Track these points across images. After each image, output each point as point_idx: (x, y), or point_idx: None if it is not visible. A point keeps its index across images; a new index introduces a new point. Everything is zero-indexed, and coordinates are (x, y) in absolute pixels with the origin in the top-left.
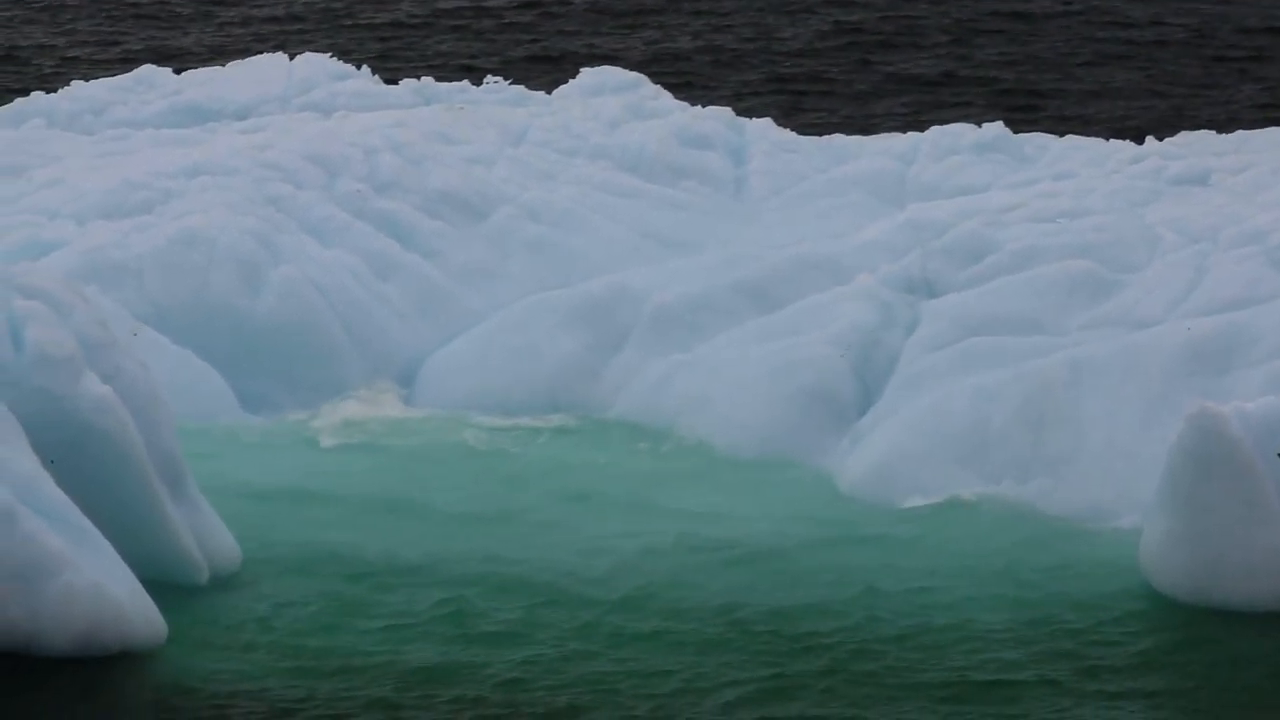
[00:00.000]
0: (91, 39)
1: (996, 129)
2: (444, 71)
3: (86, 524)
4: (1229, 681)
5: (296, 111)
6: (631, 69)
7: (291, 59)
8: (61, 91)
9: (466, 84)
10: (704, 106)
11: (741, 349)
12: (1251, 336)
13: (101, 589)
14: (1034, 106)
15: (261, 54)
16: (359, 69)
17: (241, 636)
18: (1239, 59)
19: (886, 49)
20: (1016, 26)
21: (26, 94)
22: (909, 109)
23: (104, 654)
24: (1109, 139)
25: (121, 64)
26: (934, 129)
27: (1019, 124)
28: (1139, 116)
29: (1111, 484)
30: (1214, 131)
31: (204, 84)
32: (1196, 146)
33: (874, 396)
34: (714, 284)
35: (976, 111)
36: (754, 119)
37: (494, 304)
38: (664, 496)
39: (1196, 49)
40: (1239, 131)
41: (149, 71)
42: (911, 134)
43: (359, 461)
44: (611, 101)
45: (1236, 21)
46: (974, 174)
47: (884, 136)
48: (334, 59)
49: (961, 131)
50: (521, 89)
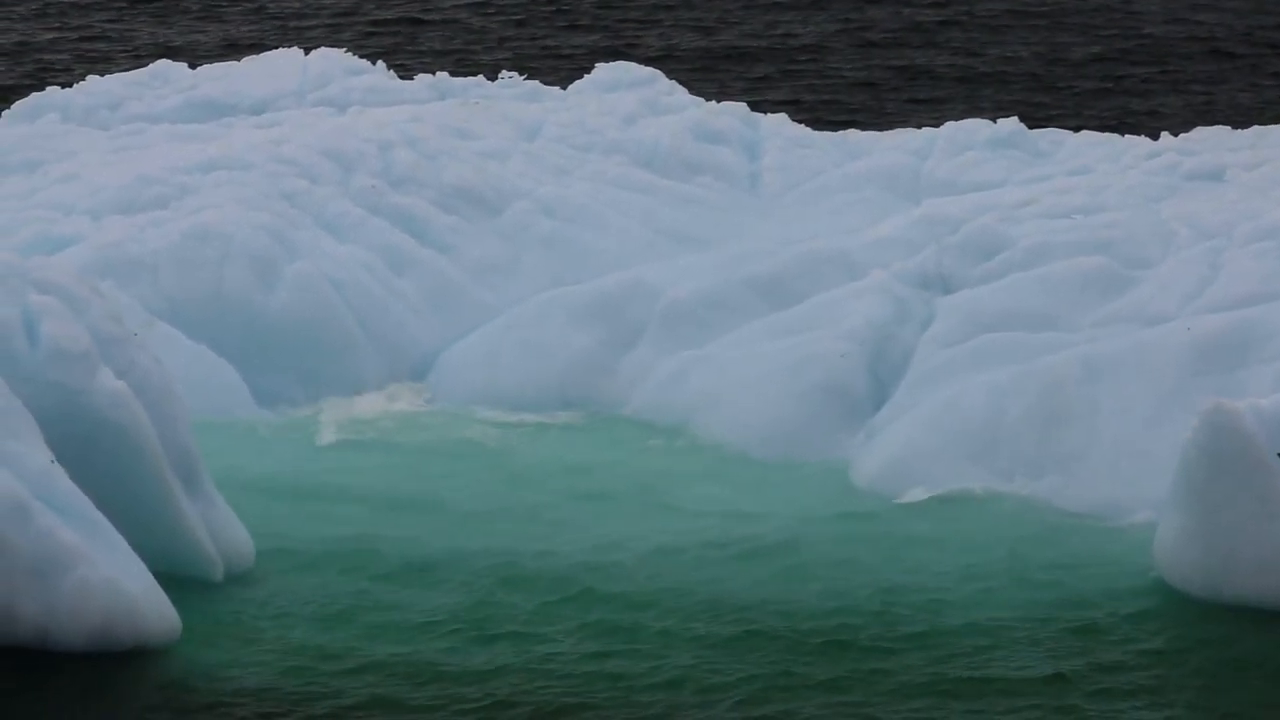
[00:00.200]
0: (106, 34)
1: (1011, 125)
2: (459, 66)
3: (101, 519)
4: (1242, 677)
5: (312, 107)
6: (646, 64)
7: (307, 54)
8: (77, 86)
9: (481, 79)
10: (719, 102)
11: (755, 345)
12: (1266, 332)
13: (116, 584)
14: (1049, 102)
15: (277, 49)
16: (374, 64)
17: (255, 632)
18: (1255, 56)
19: (901, 45)
20: (1033, 22)
21: (42, 89)
22: (924, 104)
23: (118, 650)
24: (1124, 135)
25: (136, 59)
26: (949, 125)
27: (1034, 120)
28: (1154, 112)
29: (1125, 480)
30: (1229, 127)
31: (219, 79)
32: (1211, 142)
33: (888, 392)
34: (728, 279)
35: (992, 107)
36: (769, 114)
37: (508, 299)
38: (677, 493)
39: (1212, 45)
40: (1254, 127)
41: (164, 66)
42: (926, 129)
43: (373, 457)
44: (626, 97)
45: (1252, 18)
46: (989, 170)
47: (899, 132)
48: (349, 54)
49: (976, 127)
50: (536, 84)
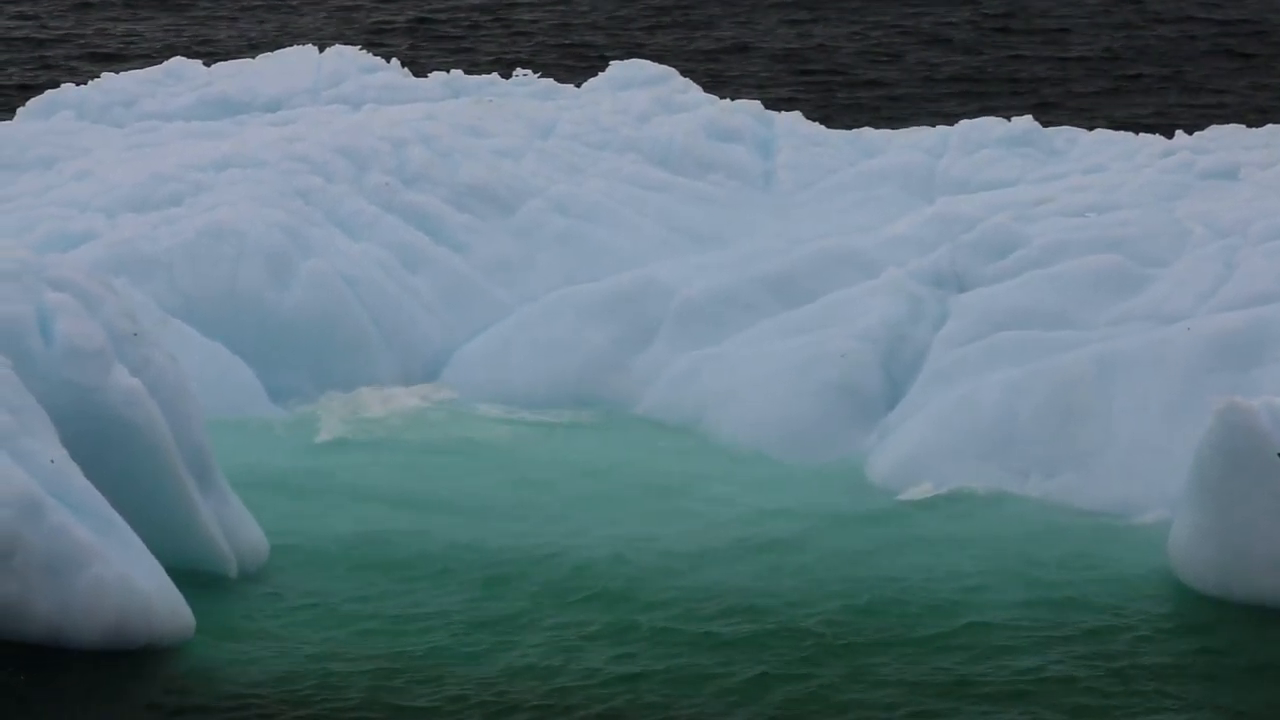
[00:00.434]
0: (120, 31)
1: (1026, 123)
2: (473, 64)
3: (115, 516)
4: (1257, 677)
5: (326, 104)
6: (660, 62)
7: (321, 51)
8: (91, 84)
9: (495, 77)
10: (733, 100)
11: (769, 343)
12: None
13: (129, 582)
14: (1063, 101)
15: (291, 46)
16: (388, 62)
17: (269, 629)
18: (1269, 55)
19: (916, 43)
20: (1046, 22)
21: (56, 86)
22: (938, 102)
23: (132, 647)
24: (1138, 133)
25: (150, 56)
26: (963, 123)
27: (1048, 118)
28: (1168, 111)
29: (1139, 479)
30: (1243, 126)
31: (233, 76)
32: (1226, 141)
33: (901, 391)
34: (741, 278)
35: (1006, 105)
36: (783, 112)
37: (522, 297)
38: (690, 491)
39: (1226, 44)
40: (1269, 126)
41: (179, 64)
42: (940, 128)
43: (386, 455)
44: (640, 95)
45: (1267, 17)
46: (1003, 168)
47: (913, 130)
48: (363, 52)
49: (991, 125)
50: (550, 82)
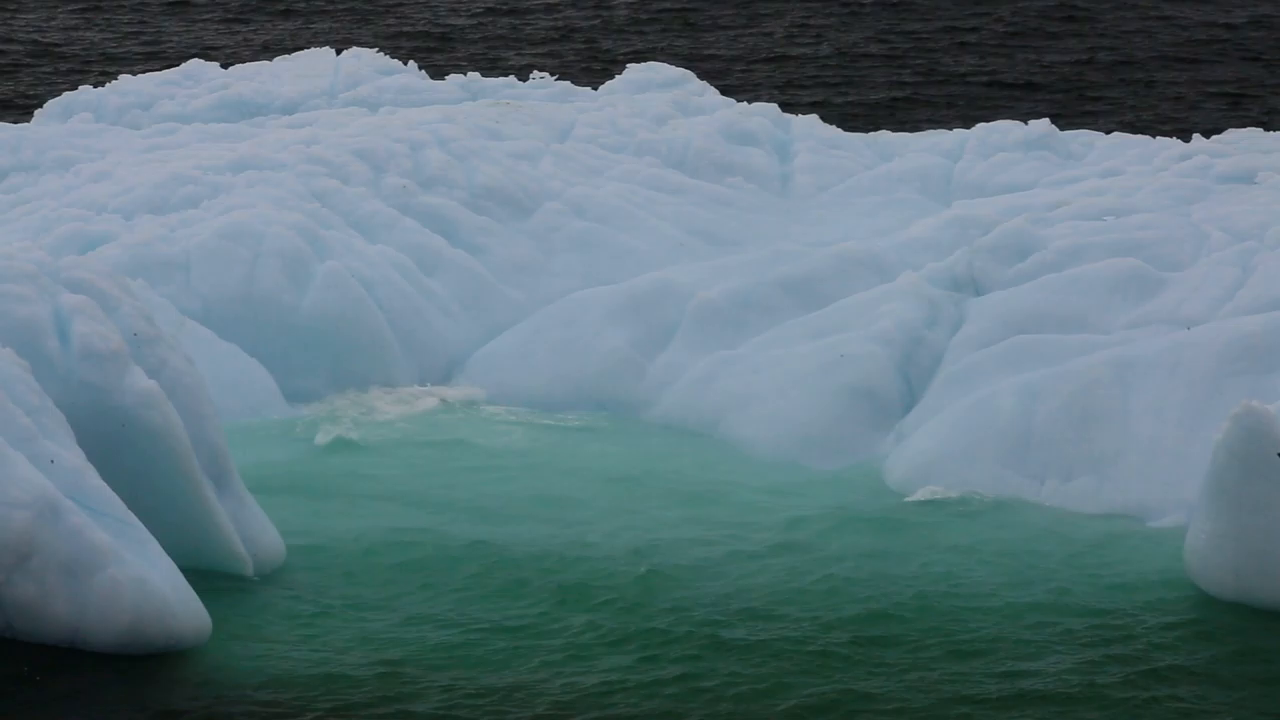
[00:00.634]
0: (137, 34)
1: (1043, 126)
2: (490, 67)
3: (132, 518)
4: (1276, 683)
5: (343, 106)
6: (678, 65)
7: (338, 54)
8: (109, 85)
9: (513, 79)
10: (750, 102)
11: (786, 346)
12: None
13: (146, 583)
14: (1080, 104)
15: (309, 49)
16: (405, 64)
17: (285, 630)
18: None
19: (933, 46)
20: (1064, 26)
21: (75, 88)
22: (956, 106)
23: (148, 648)
24: (1156, 136)
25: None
26: (980, 126)
27: (1065, 121)
28: (1186, 114)
29: (1156, 483)
30: (1261, 129)
31: (251, 78)
32: (1244, 144)
33: (918, 394)
34: (758, 281)
35: (1023, 109)
36: (800, 115)
37: (539, 299)
38: (707, 494)
39: (1243, 47)
40: None
41: (196, 66)
42: (958, 131)
43: (403, 456)
44: (657, 97)
45: None
46: (1020, 171)
47: (930, 133)
48: (381, 54)
49: (1008, 128)
50: (568, 84)
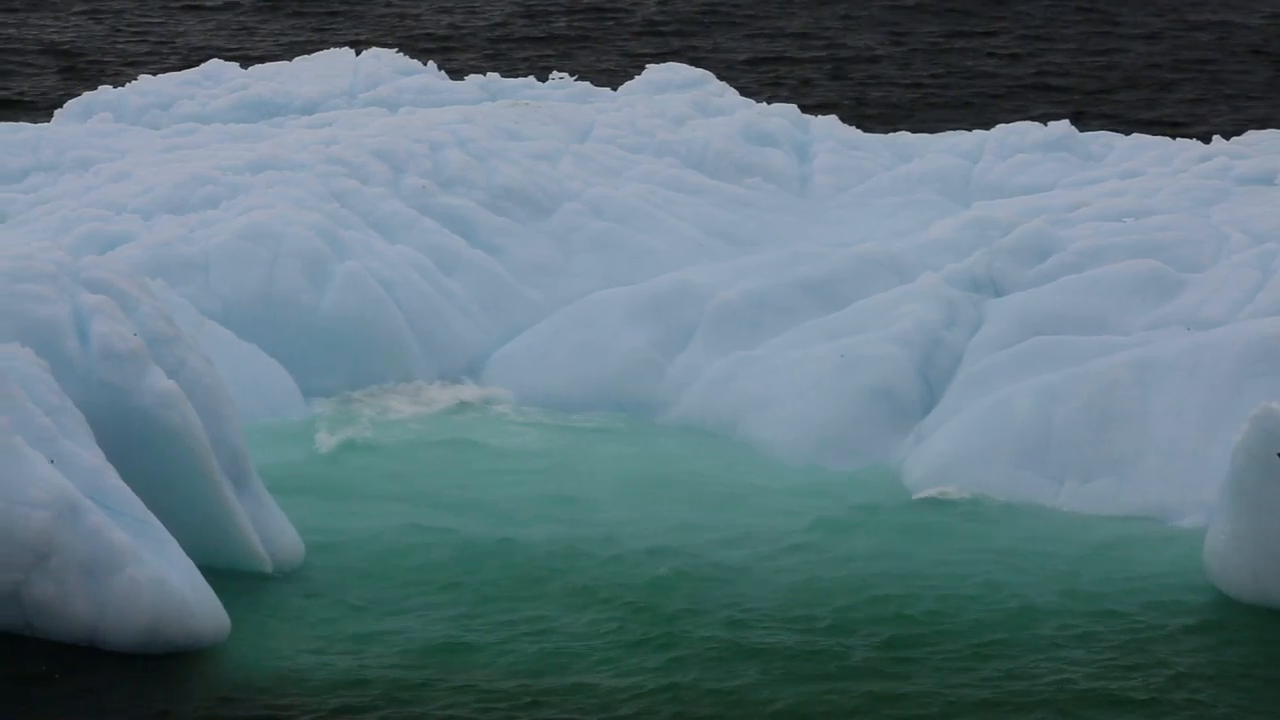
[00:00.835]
0: (156, 34)
1: (1062, 127)
2: (509, 68)
3: (151, 518)
4: None
5: (363, 107)
6: (697, 65)
7: (358, 54)
8: (129, 86)
9: (532, 80)
10: (769, 103)
11: (805, 347)
12: None
13: (165, 583)
14: (1100, 106)
15: (328, 49)
16: (425, 65)
17: (304, 630)
18: None
19: (953, 47)
20: (1082, 27)
21: (94, 88)
22: (975, 107)
23: (167, 648)
24: (1175, 138)
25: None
26: (1000, 127)
27: (1085, 123)
28: (1206, 115)
29: (1175, 484)
30: None
31: (270, 79)
32: (1264, 146)
33: (937, 395)
34: (777, 281)
35: (1043, 110)
36: (819, 116)
37: (558, 300)
38: (726, 495)
39: (1264, 49)
40: None
41: (216, 66)
42: (977, 132)
43: (422, 456)
44: (677, 98)
45: None
46: (1039, 172)
47: (949, 134)
48: (400, 54)
49: (1027, 130)
50: (587, 85)
